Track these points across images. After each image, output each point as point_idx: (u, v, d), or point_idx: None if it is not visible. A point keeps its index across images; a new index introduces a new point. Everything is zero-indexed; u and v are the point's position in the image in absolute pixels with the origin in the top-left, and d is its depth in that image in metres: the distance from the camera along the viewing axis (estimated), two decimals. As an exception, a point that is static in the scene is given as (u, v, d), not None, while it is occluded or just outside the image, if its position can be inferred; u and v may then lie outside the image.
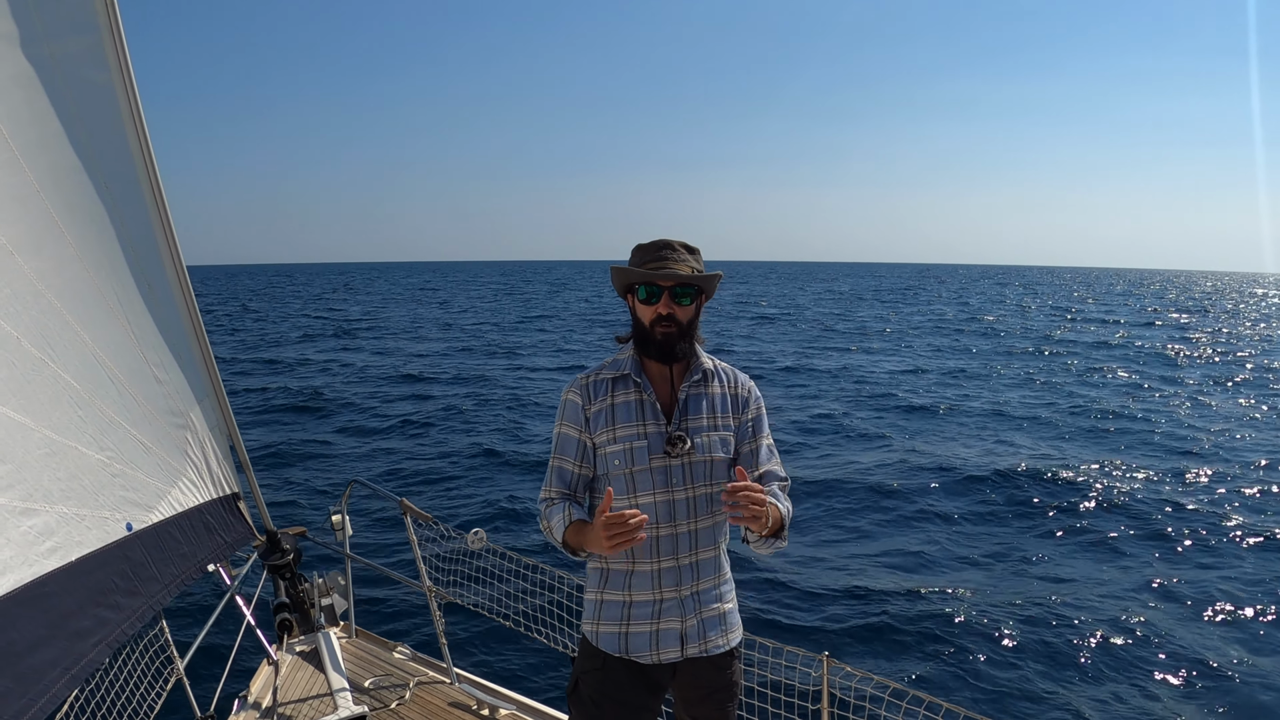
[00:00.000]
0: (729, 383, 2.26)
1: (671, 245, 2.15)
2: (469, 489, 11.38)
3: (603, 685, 2.17)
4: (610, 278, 2.23)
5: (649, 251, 2.15)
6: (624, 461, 2.13)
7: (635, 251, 2.19)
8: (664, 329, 2.12)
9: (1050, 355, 28.62)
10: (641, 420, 2.16)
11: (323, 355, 27.17)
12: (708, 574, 2.20)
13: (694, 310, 2.16)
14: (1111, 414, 17.43)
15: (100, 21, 2.58)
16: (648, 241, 2.18)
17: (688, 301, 2.13)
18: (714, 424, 2.20)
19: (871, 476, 11.71)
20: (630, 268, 2.15)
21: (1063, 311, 53.91)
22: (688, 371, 2.21)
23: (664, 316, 2.12)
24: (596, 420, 2.17)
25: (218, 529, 3.20)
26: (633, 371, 2.18)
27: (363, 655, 3.98)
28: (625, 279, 2.17)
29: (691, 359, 2.21)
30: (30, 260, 2.28)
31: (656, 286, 2.11)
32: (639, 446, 2.13)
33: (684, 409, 2.18)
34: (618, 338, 2.30)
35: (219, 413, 3.34)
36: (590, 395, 2.19)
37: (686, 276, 2.10)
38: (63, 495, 2.27)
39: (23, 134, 2.26)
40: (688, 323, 2.15)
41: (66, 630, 2.13)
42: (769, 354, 27.72)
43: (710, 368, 2.24)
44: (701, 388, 2.21)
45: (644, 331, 2.16)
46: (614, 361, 2.23)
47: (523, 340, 31.75)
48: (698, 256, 2.17)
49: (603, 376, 2.20)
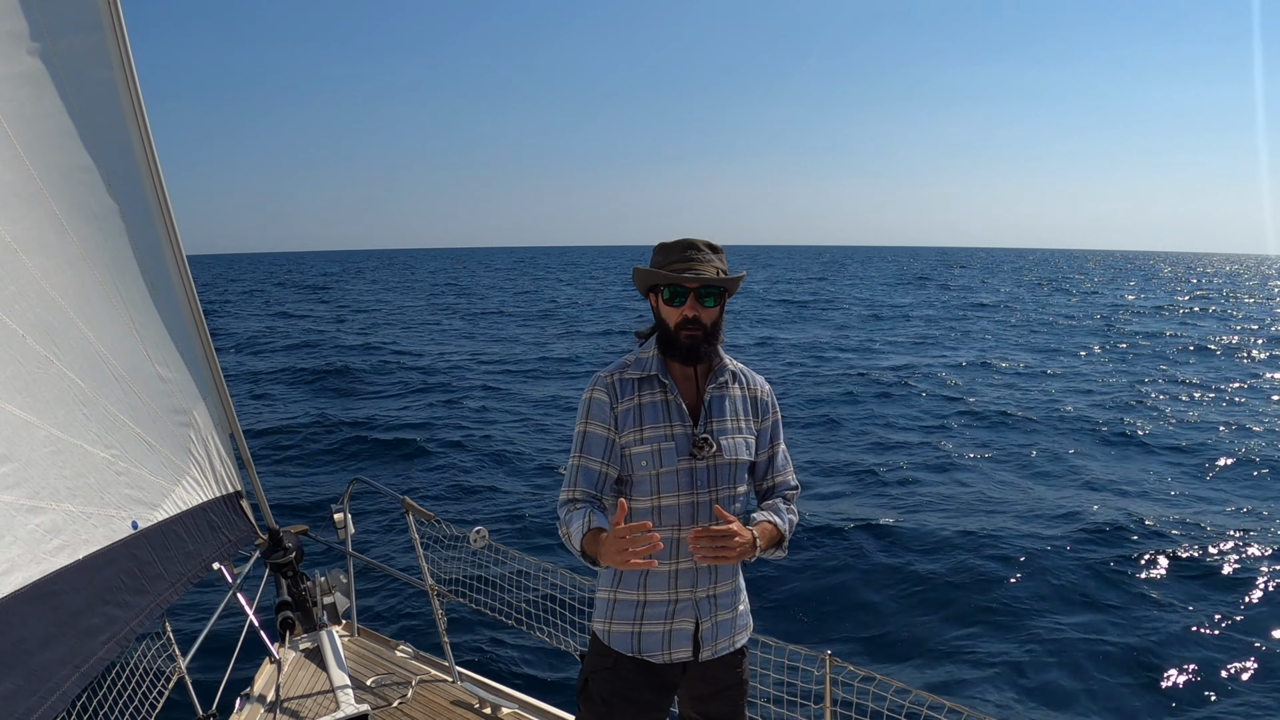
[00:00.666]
0: (748, 384, 2.24)
1: (696, 245, 2.11)
2: (472, 486, 11.38)
3: (613, 684, 2.16)
4: (632, 277, 2.19)
5: (673, 251, 2.11)
6: (651, 463, 2.10)
7: (658, 251, 2.15)
8: (690, 332, 2.09)
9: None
10: (668, 421, 2.12)
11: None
12: (725, 576, 2.19)
13: (719, 312, 2.13)
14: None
15: (103, 19, 2.58)
16: (671, 240, 2.14)
17: (712, 303, 2.10)
18: (738, 426, 2.18)
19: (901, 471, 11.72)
20: (654, 269, 2.11)
21: (1171, 303, 49.07)
22: (711, 373, 2.18)
23: (690, 319, 2.08)
24: (624, 420, 2.12)
25: (221, 527, 3.20)
26: (659, 372, 2.14)
27: (365, 654, 3.98)
28: (649, 280, 2.13)
29: (715, 360, 2.19)
30: (34, 258, 2.28)
31: (682, 289, 2.08)
32: (666, 448, 2.10)
33: (709, 411, 2.15)
34: (638, 334, 2.26)
35: (222, 410, 3.34)
36: (617, 393, 2.14)
37: (713, 279, 2.07)
38: (69, 493, 2.27)
39: (26, 132, 2.26)
40: (713, 324, 2.12)
41: (76, 628, 2.14)
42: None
43: (733, 370, 2.22)
44: (725, 389, 2.19)
45: (669, 333, 2.12)
46: (638, 360, 2.18)
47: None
48: (722, 256, 2.13)
49: (628, 376, 2.15)
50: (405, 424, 15.40)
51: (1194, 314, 41.48)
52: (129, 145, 2.74)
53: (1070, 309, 42.69)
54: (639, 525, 1.83)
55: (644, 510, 2.12)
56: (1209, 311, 43.27)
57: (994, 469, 12.12)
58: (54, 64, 2.37)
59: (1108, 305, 45.88)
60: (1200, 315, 40.81)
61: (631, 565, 1.83)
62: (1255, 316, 40.71)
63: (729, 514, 1.95)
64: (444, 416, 16.21)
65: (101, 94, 2.60)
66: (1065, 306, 44.51)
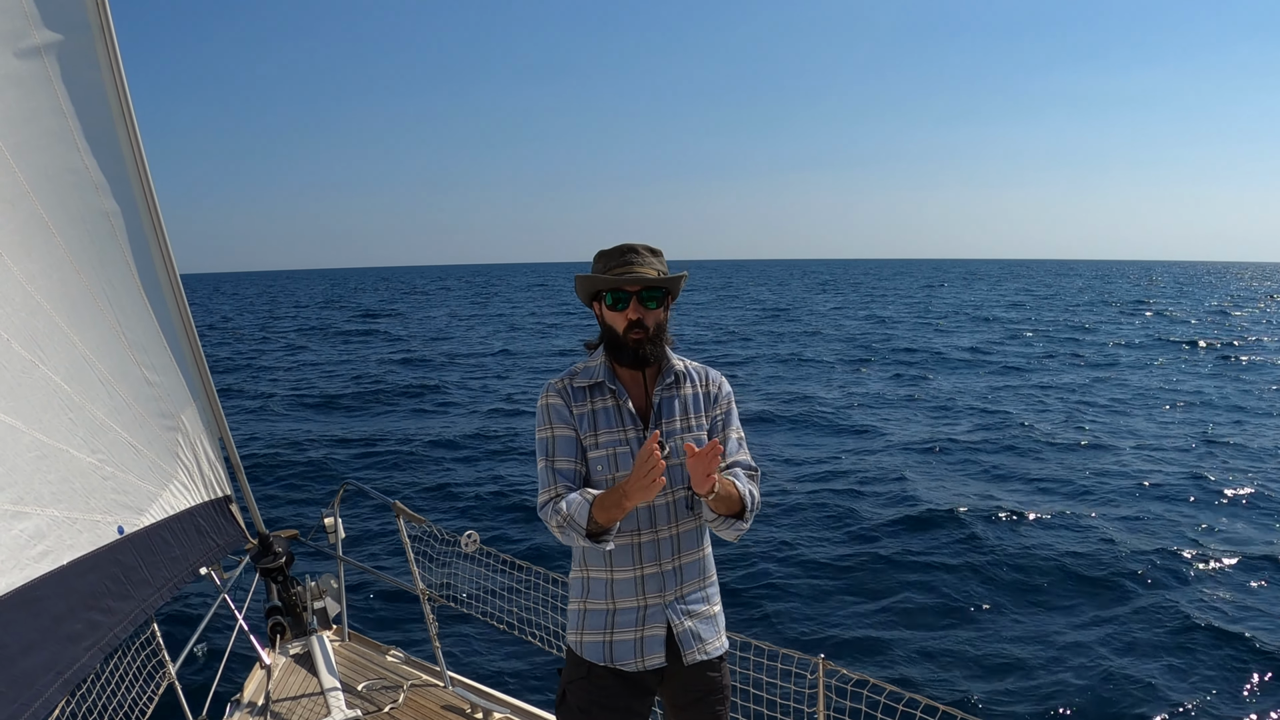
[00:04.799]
0: (700, 381, 2.25)
1: (635, 249, 2.13)
2: (461, 489, 11.35)
3: (590, 694, 2.16)
4: (575, 286, 2.20)
5: (613, 257, 2.13)
6: (607, 467, 2.12)
7: (598, 257, 2.17)
8: (635, 335, 2.11)
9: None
10: (621, 425, 2.15)
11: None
12: (692, 577, 2.19)
13: (662, 313, 2.15)
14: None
15: (91, 19, 2.56)
16: (610, 246, 2.16)
17: (655, 305, 2.12)
18: (688, 425, 2.19)
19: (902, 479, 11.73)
20: (595, 275, 2.13)
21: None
22: (660, 375, 2.20)
23: (634, 322, 2.10)
24: (580, 424, 2.15)
25: (209, 532, 3.18)
26: (606, 378, 2.16)
27: (356, 658, 3.96)
28: (591, 286, 2.14)
29: (663, 362, 2.21)
30: (20, 262, 2.26)
31: (624, 292, 2.09)
32: (622, 452, 2.13)
33: (659, 413, 2.17)
34: (586, 344, 2.28)
35: (210, 414, 3.32)
36: (571, 398, 2.16)
37: (653, 280, 2.09)
38: (54, 498, 2.25)
39: (13, 134, 2.25)
40: (656, 326, 2.14)
41: (58, 634, 2.12)
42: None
43: (681, 369, 2.23)
44: (674, 390, 2.21)
45: (615, 338, 2.14)
46: (585, 369, 2.20)
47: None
48: (661, 258, 2.15)
49: (577, 384, 2.18)
50: (402, 424, 15.38)
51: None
52: (117, 148, 2.72)
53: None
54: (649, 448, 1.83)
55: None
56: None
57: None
58: (40, 65, 2.36)
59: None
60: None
61: (656, 483, 1.83)
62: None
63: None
64: (440, 418, 16.19)
65: (89, 96, 2.58)
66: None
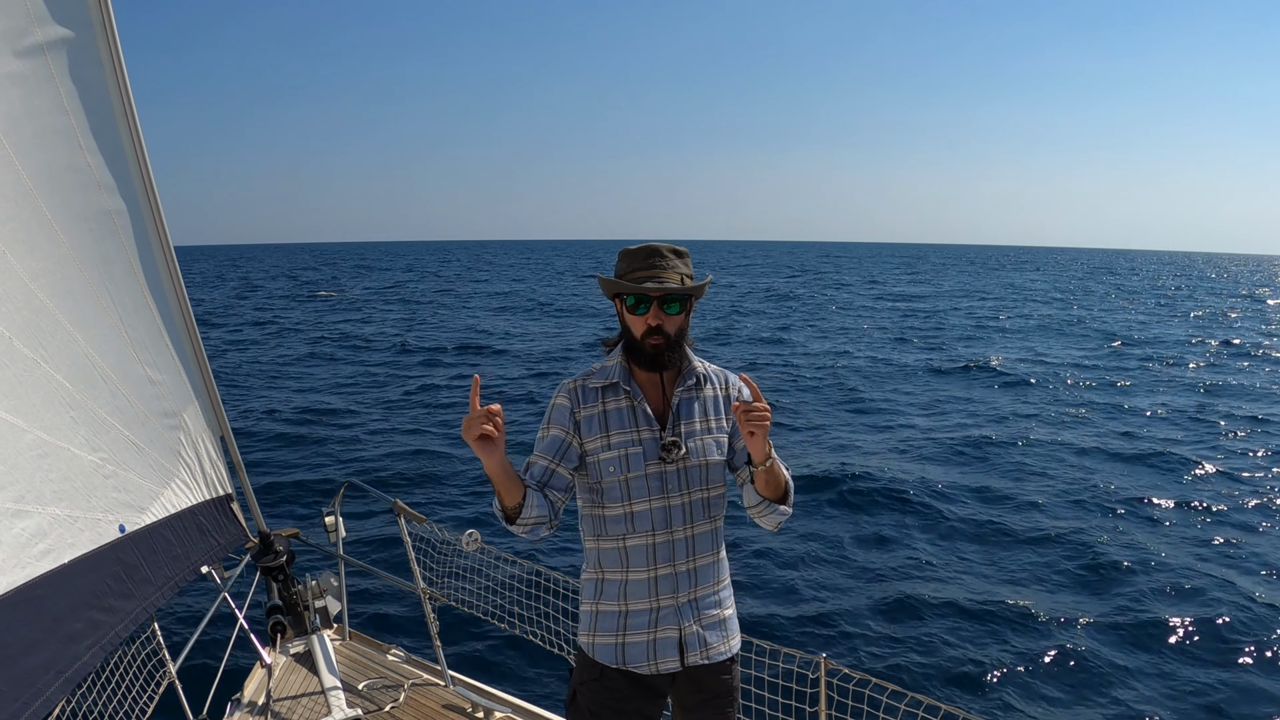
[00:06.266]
0: (721, 384, 2.24)
1: (660, 252, 2.10)
2: (461, 488, 11.35)
3: (601, 695, 2.15)
4: (599, 286, 2.18)
5: (636, 258, 2.11)
6: (619, 468, 2.11)
7: (622, 258, 2.15)
8: (654, 340, 2.09)
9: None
10: (635, 426, 2.13)
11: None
12: (706, 580, 2.18)
13: (683, 319, 2.13)
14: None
15: (92, 17, 2.56)
16: (635, 247, 2.14)
17: (676, 310, 2.09)
18: (707, 427, 2.18)
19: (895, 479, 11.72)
20: (618, 279, 2.11)
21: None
22: (679, 377, 2.18)
23: (654, 328, 2.08)
24: (588, 426, 2.13)
25: (211, 530, 3.18)
26: (621, 379, 2.15)
27: (357, 658, 3.96)
28: (613, 289, 2.13)
29: (683, 364, 2.19)
30: (23, 260, 2.26)
31: (646, 297, 2.07)
32: (634, 453, 2.11)
33: (677, 414, 2.16)
34: (604, 342, 2.26)
35: (212, 413, 3.32)
36: (579, 400, 2.15)
37: (675, 289, 2.06)
38: (55, 497, 2.25)
39: (15, 132, 2.24)
40: (677, 332, 2.12)
41: (59, 633, 2.11)
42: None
43: (702, 371, 2.22)
44: (695, 392, 2.19)
45: (634, 341, 2.13)
46: (602, 369, 2.19)
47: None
48: (686, 261, 2.12)
49: (591, 384, 2.16)
50: (402, 423, 15.36)
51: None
52: (119, 146, 2.72)
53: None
54: (488, 409, 1.87)
55: (617, 517, 2.12)
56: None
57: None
58: (42, 63, 2.35)
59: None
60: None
61: (476, 438, 1.85)
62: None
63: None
64: (438, 417, 16.18)
65: (91, 94, 2.58)
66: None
